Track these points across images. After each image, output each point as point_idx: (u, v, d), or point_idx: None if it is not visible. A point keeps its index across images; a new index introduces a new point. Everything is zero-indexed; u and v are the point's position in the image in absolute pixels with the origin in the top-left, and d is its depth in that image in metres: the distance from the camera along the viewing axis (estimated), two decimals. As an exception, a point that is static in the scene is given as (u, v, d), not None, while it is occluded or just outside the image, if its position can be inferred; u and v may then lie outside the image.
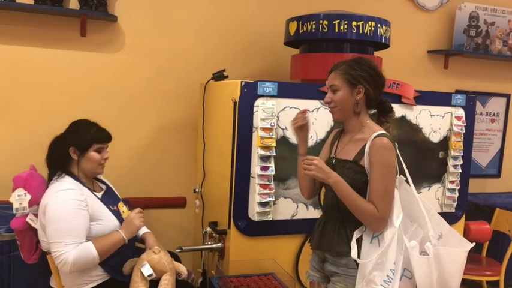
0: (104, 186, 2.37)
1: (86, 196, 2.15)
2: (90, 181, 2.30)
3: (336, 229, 1.89)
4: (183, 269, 2.32)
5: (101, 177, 2.44)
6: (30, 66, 2.92)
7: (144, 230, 2.43)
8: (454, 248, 1.84)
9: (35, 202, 2.17)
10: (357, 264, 1.80)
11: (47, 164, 2.24)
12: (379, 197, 1.77)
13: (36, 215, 2.20)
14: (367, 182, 1.81)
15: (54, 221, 2.05)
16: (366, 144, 1.81)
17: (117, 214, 2.26)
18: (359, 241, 1.82)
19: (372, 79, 1.85)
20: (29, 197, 2.14)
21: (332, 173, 1.82)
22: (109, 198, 2.30)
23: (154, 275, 2.14)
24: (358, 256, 1.79)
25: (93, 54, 3.02)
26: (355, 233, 1.82)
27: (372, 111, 1.96)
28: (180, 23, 3.19)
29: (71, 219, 2.06)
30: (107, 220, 2.18)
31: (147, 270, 2.12)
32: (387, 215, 1.78)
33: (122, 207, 2.34)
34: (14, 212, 2.17)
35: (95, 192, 2.24)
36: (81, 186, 2.18)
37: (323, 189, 2.05)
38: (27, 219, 2.19)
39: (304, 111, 2.00)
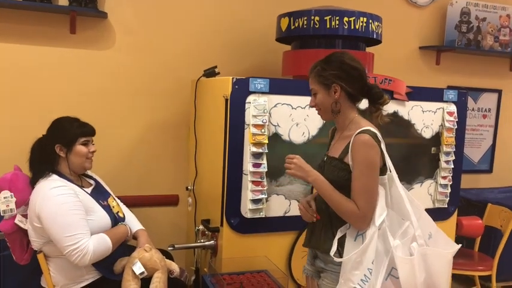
0: (92, 182, 2.36)
1: (76, 192, 2.13)
2: (78, 178, 2.28)
3: (324, 226, 1.89)
4: (174, 266, 2.31)
5: (89, 172, 2.42)
6: (18, 64, 2.88)
7: (137, 226, 2.42)
8: (442, 250, 1.82)
9: (22, 203, 2.15)
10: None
11: (30, 167, 2.20)
12: (360, 195, 1.75)
13: (24, 216, 2.18)
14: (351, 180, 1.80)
15: (55, 218, 2.03)
16: (350, 141, 1.80)
17: (108, 209, 2.24)
18: (343, 239, 1.81)
19: (345, 74, 1.82)
20: (15, 198, 2.12)
21: (311, 171, 1.82)
22: (99, 194, 2.29)
23: (145, 273, 2.13)
24: (340, 254, 1.78)
25: (83, 51, 2.99)
26: (339, 231, 1.82)
27: (361, 104, 1.94)
28: (171, 19, 3.16)
29: (72, 212, 2.06)
30: (98, 215, 2.17)
31: (138, 268, 2.11)
32: (369, 213, 1.76)
33: (112, 202, 2.33)
34: (2, 214, 2.14)
35: (84, 188, 2.22)
36: (69, 183, 2.16)
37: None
38: (16, 221, 2.17)
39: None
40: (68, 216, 2.04)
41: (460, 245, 1.87)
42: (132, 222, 2.42)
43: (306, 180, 1.84)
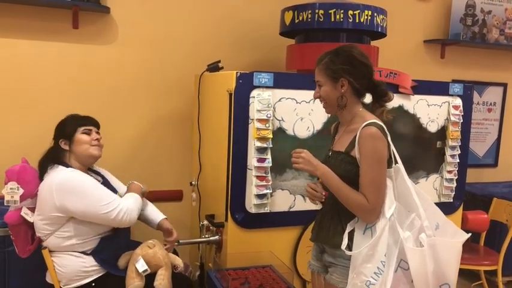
0: (100, 178, 2.36)
1: None
2: (85, 172, 2.27)
3: (332, 221, 1.88)
4: (179, 261, 2.31)
5: (98, 169, 2.42)
6: (21, 59, 2.87)
7: (160, 216, 2.41)
8: (450, 239, 1.81)
9: (28, 195, 2.15)
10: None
11: (39, 165, 2.22)
12: (369, 188, 1.74)
13: (30, 209, 2.18)
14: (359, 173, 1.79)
15: (84, 199, 2.07)
16: (356, 135, 1.79)
17: None
18: (352, 233, 1.80)
19: (355, 69, 1.80)
20: (21, 191, 2.12)
21: (320, 165, 1.82)
22: None
23: (148, 270, 2.12)
24: (350, 248, 1.78)
25: (86, 46, 2.98)
26: (349, 224, 1.81)
27: (366, 99, 1.92)
28: (174, 13, 3.15)
29: (96, 186, 2.16)
30: None
31: (141, 266, 2.11)
32: (378, 206, 1.75)
33: None
34: (6, 204, 2.15)
35: None
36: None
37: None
38: (22, 213, 2.18)
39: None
40: (94, 191, 2.11)
41: (470, 234, 1.85)
42: (154, 213, 2.42)
43: (315, 174, 1.84)
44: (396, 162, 1.86)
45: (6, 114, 2.89)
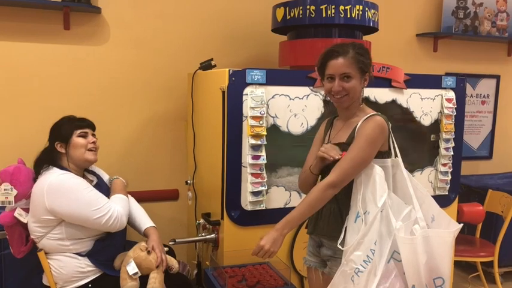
0: (94, 178, 2.35)
1: None
2: (80, 174, 2.27)
3: (331, 214, 1.90)
4: (173, 262, 2.30)
5: (94, 168, 2.41)
6: (13, 62, 2.86)
7: (147, 223, 2.37)
8: (443, 230, 1.82)
9: (23, 196, 2.15)
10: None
11: (34, 166, 2.21)
12: (344, 162, 1.78)
13: (24, 209, 2.18)
14: None
15: (76, 203, 2.06)
16: (357, 125, 1.83)
17: None
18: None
19: (371, 63, 1.88)
20: (15, 192, 2.12)
21: (275, 230, 1.85)
22: (99, 191, 2.27)
23: (139, 274, 2.11)
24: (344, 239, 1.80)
25: (78, 47, 2.97)
26: (347, 218, 1.83)
27: None
28: (166, 12, 3.14)
29: (88, 189, 2.12)
30: None
31: (131, 269, 2.10)
32: (344, 182, 1.79)
33: None
34: (0, 204, 2.15)
35: None
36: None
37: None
38: (15, 214, 2.18)
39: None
40: (86, 195, 2.09)
41: (462, 224, 1.86)
42: (142, 218, 2.39)
43: (283, 235, 1.85)
44: (396, 156, 1.88)
45: (1, 115, 2.87)
